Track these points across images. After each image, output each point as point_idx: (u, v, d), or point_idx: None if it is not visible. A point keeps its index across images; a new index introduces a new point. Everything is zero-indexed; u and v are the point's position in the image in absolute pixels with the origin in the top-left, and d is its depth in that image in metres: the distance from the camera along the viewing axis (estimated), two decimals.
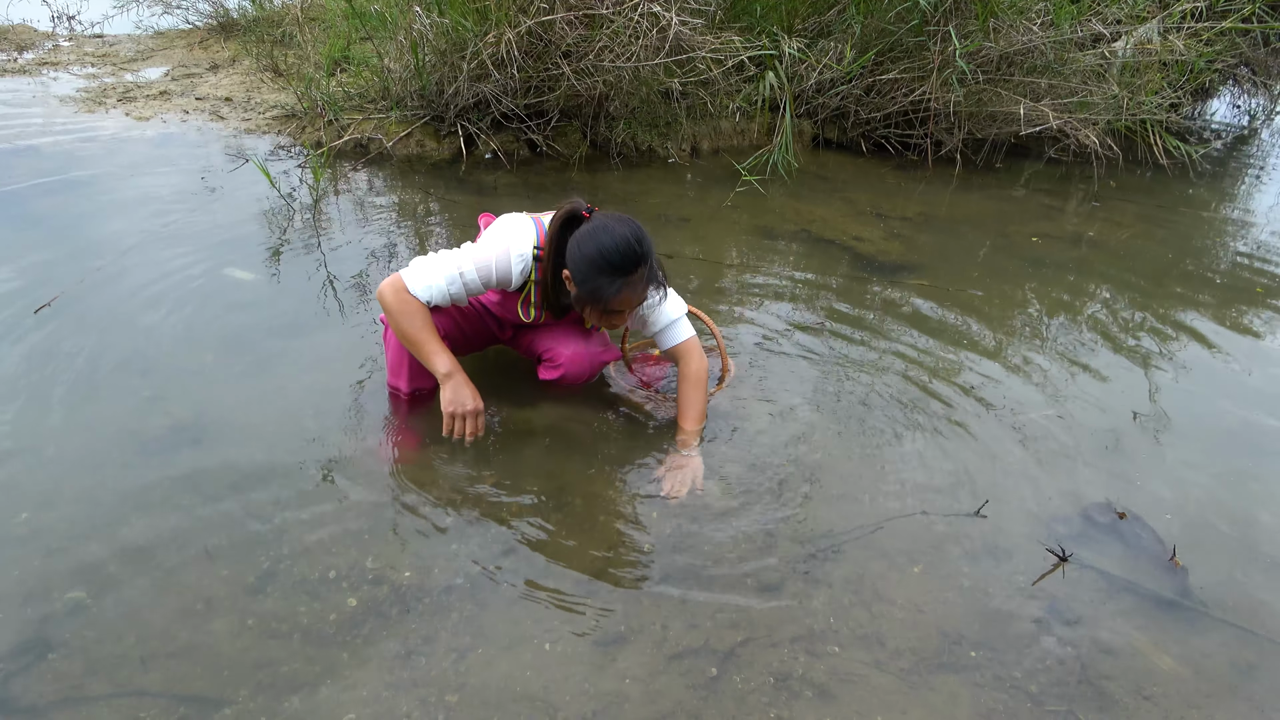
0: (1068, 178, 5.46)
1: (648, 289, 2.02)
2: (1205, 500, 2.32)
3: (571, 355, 2.37)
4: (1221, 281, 3.94)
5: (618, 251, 1.93)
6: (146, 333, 2.70)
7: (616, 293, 1.96)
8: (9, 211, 3.49)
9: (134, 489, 2.05)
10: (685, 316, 2.34)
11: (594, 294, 1.98)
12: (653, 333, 2.33)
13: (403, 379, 2.36)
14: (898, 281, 3.58)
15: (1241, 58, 6.60)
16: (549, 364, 2.41)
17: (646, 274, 1.98)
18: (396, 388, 2.39)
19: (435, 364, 2.12)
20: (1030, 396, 2.74)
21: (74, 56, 5.82)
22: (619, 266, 1.94)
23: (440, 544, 1.97)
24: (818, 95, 5.31)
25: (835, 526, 2.11)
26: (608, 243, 1.93)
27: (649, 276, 2.00)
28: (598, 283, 1.96)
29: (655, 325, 2.30)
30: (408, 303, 2.09)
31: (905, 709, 1.65)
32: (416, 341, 2.12)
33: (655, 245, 2.05)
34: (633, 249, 1.93)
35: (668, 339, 2.32)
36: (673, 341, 2.32)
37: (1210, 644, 1.87)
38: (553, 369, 2.40)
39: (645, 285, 2.00)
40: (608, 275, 1.94)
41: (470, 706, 1.59)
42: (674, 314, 2.30)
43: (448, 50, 4.29)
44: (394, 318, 2.11)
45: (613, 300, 1.98)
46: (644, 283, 1.99)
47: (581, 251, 1.96)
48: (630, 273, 1.95)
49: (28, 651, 1.63)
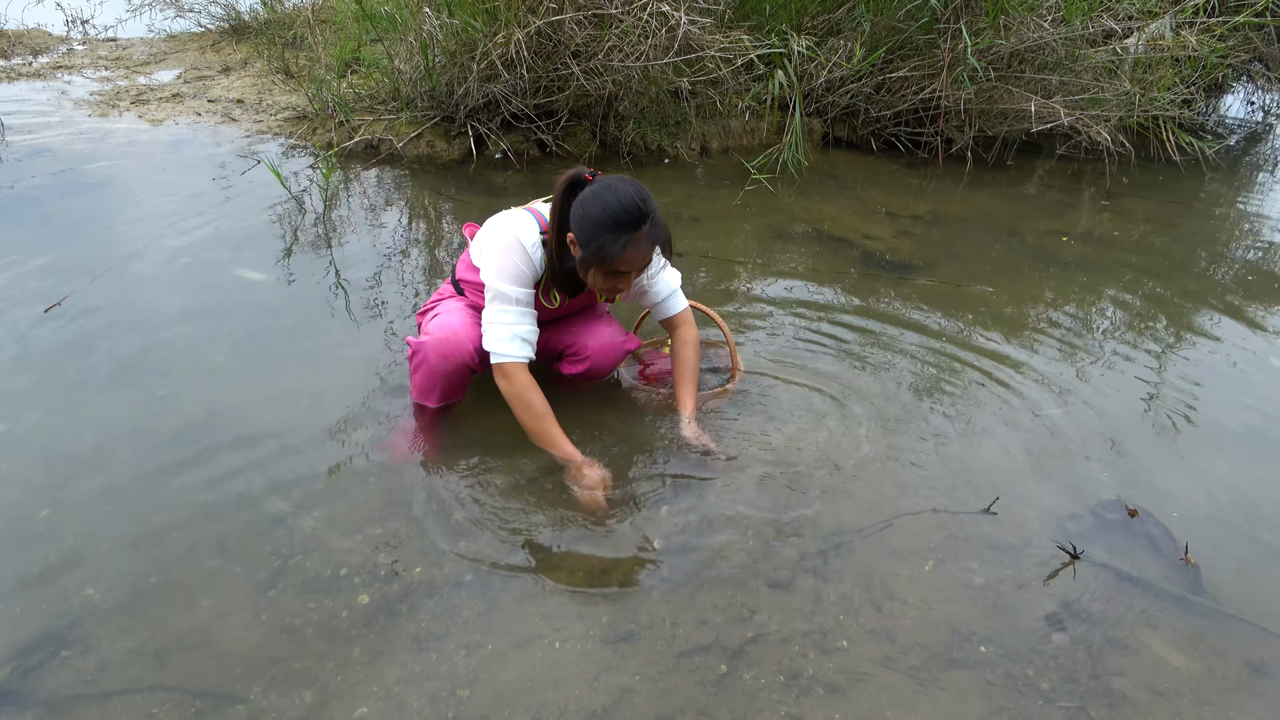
0: (1079, 175, 5.44)
1: (652, 249, 2.00)
2: (1217, 497, 2.31)
3: (598, 347, 2.37)
4: (1234, 278, 3.92)
5: (622, 208, 1.92)
6: (159, 333, 2.72)
7: (621, 250, 1.93)
8: (23, 212, 3.53)
9: (148, 487, 2.07)
10: (680, 290, 2.35)
11: (599, 253, 1.95)
12: (653, 303, 2.33)
13: (433, 399, 2.33)
14: (908, 280, 3.57)
15: (1255, 53, 6.55)
16: (573, 358, 2.41)
17: (650, 232, 1.96)
18: (424, 405, 2.36)
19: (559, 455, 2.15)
20: (1041, 394, 2.73)
21: (88, 60, 5.87)
22: (623, 223, 1.92)
23: (451, 541, 1.98)
24: (827, 93, 5.30)
25: (845, 523, 2.11)
26: (611, 200, 1.93)
27: (653, 235, 1.97)
28: (602, 240, 1.93)
29: (656, 295, 2.30)
30: (516, 388, 2.14)
31: (915, 706, 1.65)
32: (538, 434, 2.17)
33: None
34: (637, 205, 1.93)
35: (667, 309, 2.33)
36: (672, 311, 2.33)
37: (1223, 641, 1.85)
38: (578, 362, 2.40)
39: (650, 244, 1.97)
40: (612, 233, 1.93)
41: (481, 702, 1.60)
42: (674, 283, 2.32)
43: (457, 51, 4.31)
44: (516, 413, 2.17)
45: (618, 259, 1.95)
46: (648, 241, 1.96)
47: (586, 211, 1.95)
48: (635, 229, 1.93)
49: (43, 647, 1.65)
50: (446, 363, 2.21)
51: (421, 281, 3.22)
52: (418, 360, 2.26)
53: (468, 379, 2.29)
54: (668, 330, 2.40)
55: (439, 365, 2.21)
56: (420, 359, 2.24)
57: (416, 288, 3.16)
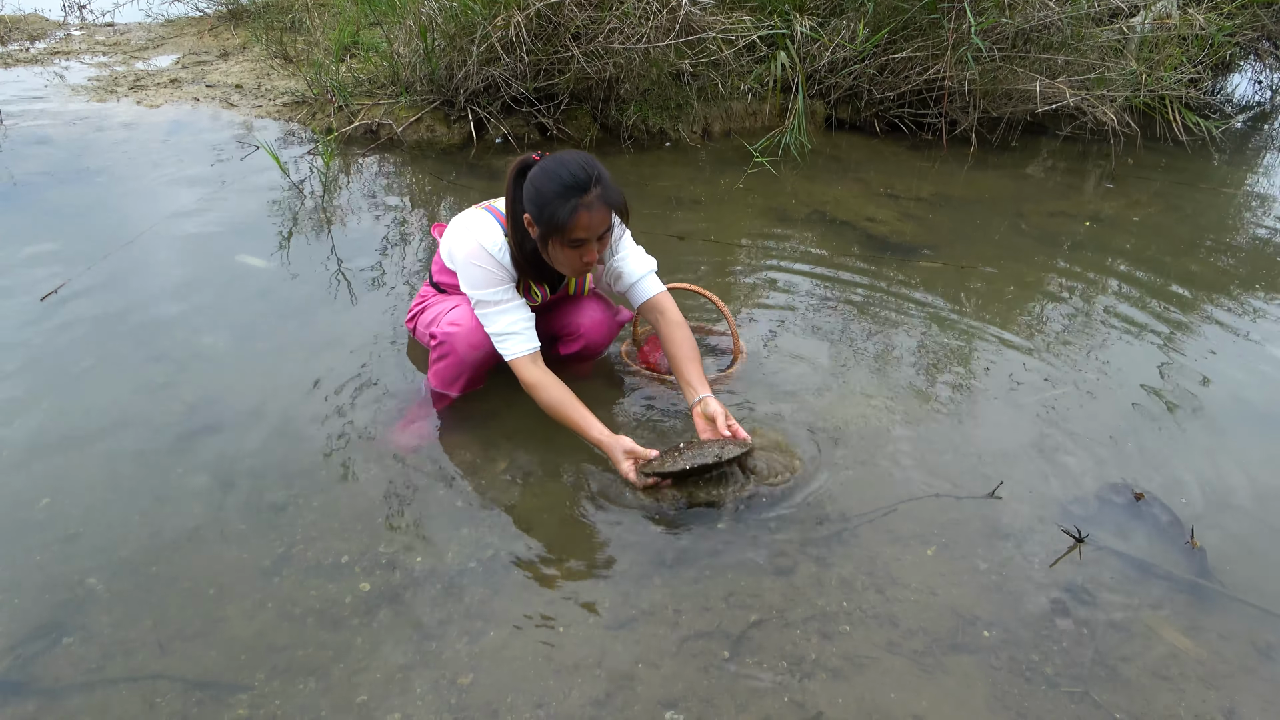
0: (1085, 155, 5.39)
1: (606, 213, 1.97)
2: (1223, 480, 2.29)
3: (590, 323, 2.38)
4: (1242, 259, 3.88)
5: (568, 173, 1.91)
6: (159, 319, 2.72)
7: (572, 214, 1.91)
8: (20, 199, 3.51)
9: (148, 474, 2.07)
10: (655, 273, 2.31)
11: (551, 222, 1.94)
12: (627, 286, 2.28)
13: (456, 388, 2.33)
14: (911, 262, 3.54)
15: (1263, 31, 6.47)
16: (568, 338, 2.42)
17: (601, 194, 1.94)
18: (446, 395, 2.35)
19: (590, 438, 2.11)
20: (1045, 376, 2.72)
21: (85, 45, 5.84)
22: (570, 187, 1.91)
23: (453, 528, 1.97)
24: (830, 75, 5.24)
25: (848, 508, 2.10)
26: (556, 169, 1.93)
27: (604, 198, 1.95)
28: (552, 208, 1.92)
29: (630, 276, 2.26)
30: (531, 384, 2.14)
31: (919, 690, 1.65)
32: (563, 422, 2.13)
33: (667, 227, 2.03)
34: (582, 169, 1.92)
35: (642, 292, 2.28)
36: (651, 292, 2.28)
37: (1229, 625, 1.85)
38: (573, 341, 2.40)
39: (602, 207, 1.95)
40: (561, 199, 1.91)
41: (483, 689, 1.59)
42: (647, 266, 2.29)
43: (457, 34, 4.27)
44: (541, 407, 2.15)
45: (570, 224, 1.93)
46: (600, 203, 1.94)
47: (535, 187, 1.96)
48: (583, 193, 1.91)
49: (46, 635, 1.65)
50: (475, 352, 2.21)
51: (421, 268, 3.20)
52: (444, 349, 2.25)
53: (490, 366, 2.28)
54: (651, 316, 2.32)
55: (468, 355, 2.22)
56: (448, 348, 2.24)
57: (416, 274, 3.14)
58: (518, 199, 2.03)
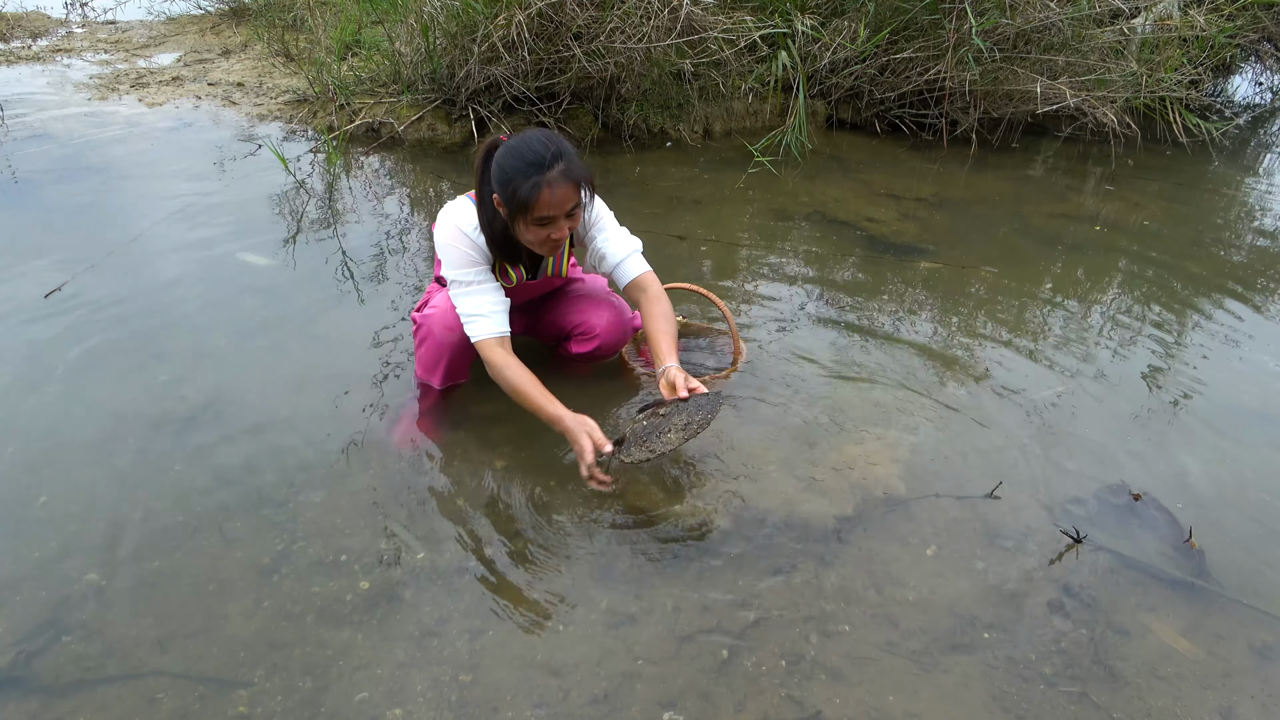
0: (1085, 156, 5.39)
1: (572, 189, 1.97)
2: (1222, 481, 2.30)
3: (607, 324, 2.38)
4: (1242, 260, 3.89)
5: (531, 150, 1.92)
6: (161, 318, 2.72)
7: (534, 191, 1.91)
8: (23, 197, 3.52)
9: (150, 472, 2.07)
10: (640, 253, 2.29)
11: (516, 200, 1.94)
12: (611, 267, 2.27)
13: (437, 377, 2.35)
14: (911, 263, 3.55)
15: (1264, 33, 6.48)
16: (581, 337, 2.42)
17: (565, 169, 1.94)
18: (429, 384, 2.39)
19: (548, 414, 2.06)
20: (1044, 377, 2.72)
21: (87, 43, 5.84)
22: (533, 164, 1.92)
23: (453, 526, 1.98)
24: (831, 75, 5.25)
25: (847, 508, 2.10)
26: (519, 147, 1.94)
27: (568, 173, 1.94)
28: (515, 185, 1.93)
29: (612, 259, 2.25)
30: (495, 367, 2.11)
31: (917, 690, 1.65)
32: (524, 403, 2.10)
33: (668, 227, 2.03)
34: (544, 145, 1.93)
35: (626, 272, 2.26)
36: (635, 272, 2.26)
37: (1226, 625, 1.85)
38: (587, 340, 2.41)
39: (567, 183, 1.94)
40: (523, 176, 1.92)
41: (483, 687, 1.60)
42: (630, 247, 2.27)
43: (458, 33, 4.27)
44: (503, 388, 2.12)
45: (534, 201, 1.92)
46: (563, 179, 1.94)
47: (499, 166, 1.97)
48: (546, 169, 1.92)
49: (46, 632, 1.65)
50: (450, 334, 2.23)
51: (423, 267, 3.20)
52: (422, 334, 2.30)
53: (471, 355, 2.28)
54: (635, 295, 2.28)
55: (444, 337, 2.24)
56: (425, 332, 2.29)
57: (418, 272, 3.15)
58: (486, 179, 2.04)
